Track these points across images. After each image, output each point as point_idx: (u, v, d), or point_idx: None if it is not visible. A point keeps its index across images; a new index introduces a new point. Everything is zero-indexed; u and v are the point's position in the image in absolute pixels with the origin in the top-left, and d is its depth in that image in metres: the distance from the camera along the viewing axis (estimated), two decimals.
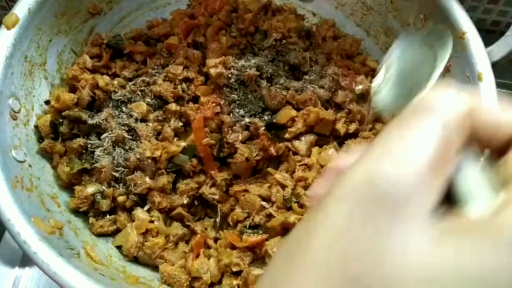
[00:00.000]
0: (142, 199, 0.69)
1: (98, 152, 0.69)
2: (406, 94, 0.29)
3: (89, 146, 0.70)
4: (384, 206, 0.18)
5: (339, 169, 0.23)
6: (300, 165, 0.70)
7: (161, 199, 0.68)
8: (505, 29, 0.67)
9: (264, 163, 0.71)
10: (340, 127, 0.73)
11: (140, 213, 0.68)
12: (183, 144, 0.70)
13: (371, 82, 0.77)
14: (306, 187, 0.66)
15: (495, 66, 0.65)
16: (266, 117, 0.72)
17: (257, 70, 0.72)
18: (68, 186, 0.70)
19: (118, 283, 0.60)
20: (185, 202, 0.69)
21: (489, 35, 0.98)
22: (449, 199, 0.21)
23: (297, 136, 0.72)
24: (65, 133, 0.71)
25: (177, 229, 0.68)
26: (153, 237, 0.66)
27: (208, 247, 0.67)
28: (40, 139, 0.70)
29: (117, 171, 0.69)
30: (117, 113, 0.72)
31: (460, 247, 0.18)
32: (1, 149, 0.60)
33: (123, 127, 0.71)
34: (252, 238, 0.63)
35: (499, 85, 0.63)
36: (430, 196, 0.19)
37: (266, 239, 0.63)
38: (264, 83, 0.73)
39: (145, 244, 0.65)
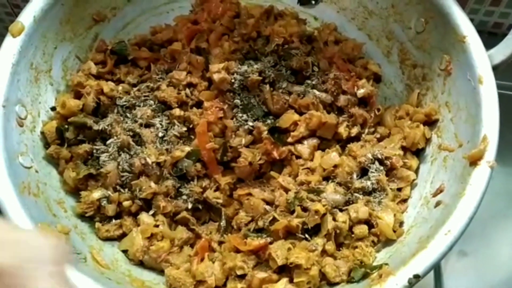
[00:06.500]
0: (147, 204, 0.70)
1: (103, 157, 0.70)
2: None
3: (94, 151, 0.71)
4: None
5: None
6: (303, 169, 0.71)
7: (165, 204, 0.69)
8: (507, 31, 0.67)
9: (267, 167, 0.72)
10: (343, 130, 0.73)
11: (145, 217, 0.68)
12: (187, 148, 0.70)
13: (372, 85, 0.77)
14: (309, 191, 0.67)
15: (497, 68, 0.65)
16: (269, 121, 0.72)
17: (260, 75, 0.73)
18: (74, 191, 0.70)
19: (124, 287, 0.60)
20: (189, 206, 0.70)
21: (491, 37, 0.98)
22: None
23: (299, 140, 0.72)
24: (71, 139, 0.72)
25: (181, 233, 0.68)
26: (158, 241, 0.67)
27: (213, 250, 0.68)
28: (46, 145, 0.71)
29: (122, 176, 0.69)
30: (122, 119, 0.73)
31: None
32: (9, 155, 0.61)
33: (128, 133, 0.71)
34: (256, 241, 0.63)
35: (500, 87, 0.63)
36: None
37: (270, 243, 0.63)
38: (266, 87, 0.73)
39: (151, 248, 0.66)
